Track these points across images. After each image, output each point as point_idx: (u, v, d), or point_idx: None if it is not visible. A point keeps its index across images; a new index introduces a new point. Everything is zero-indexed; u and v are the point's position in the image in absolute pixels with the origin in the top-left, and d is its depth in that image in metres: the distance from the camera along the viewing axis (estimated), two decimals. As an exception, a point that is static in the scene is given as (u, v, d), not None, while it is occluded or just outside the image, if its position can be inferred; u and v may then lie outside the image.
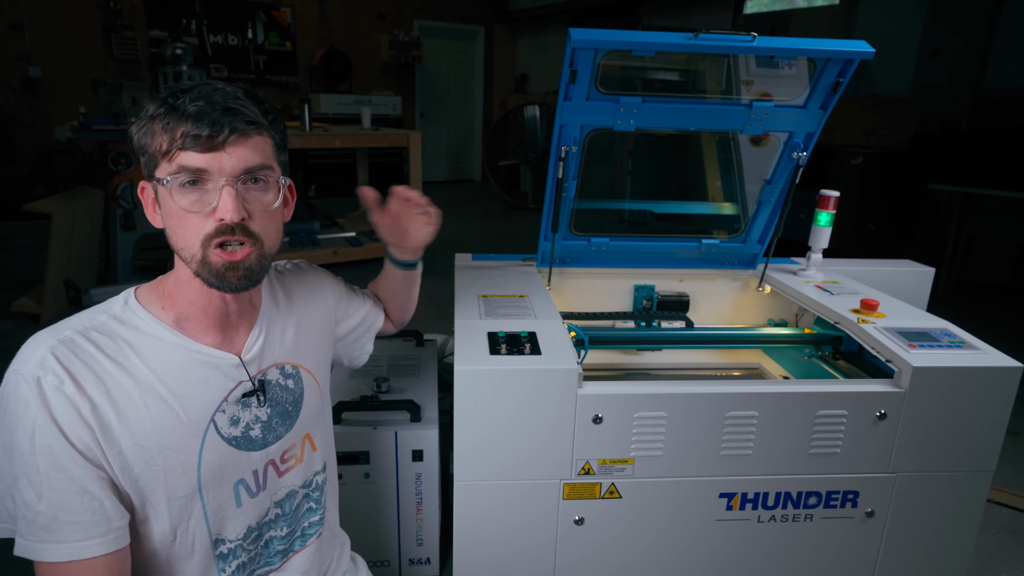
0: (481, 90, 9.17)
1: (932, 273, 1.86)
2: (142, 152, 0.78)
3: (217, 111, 0.74)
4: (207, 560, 0.86)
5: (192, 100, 0.74)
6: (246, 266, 0.79)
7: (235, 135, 0.75)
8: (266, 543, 0.94)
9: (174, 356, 0.81)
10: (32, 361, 0.73)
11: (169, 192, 0.76)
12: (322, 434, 1.02)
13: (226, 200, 0.75)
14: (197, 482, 0.82)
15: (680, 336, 1.65)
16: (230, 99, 0.76)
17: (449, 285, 1.68)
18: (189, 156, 0.74)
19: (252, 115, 0.77)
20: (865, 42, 1.31)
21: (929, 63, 4.39)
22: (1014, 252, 4.46)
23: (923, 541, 1.33)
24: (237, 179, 0.77)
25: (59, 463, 0.72)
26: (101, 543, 0.74)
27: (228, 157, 0.75)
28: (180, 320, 0.83)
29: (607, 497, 1.25)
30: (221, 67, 6.79)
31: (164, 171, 0.76)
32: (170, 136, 0.75)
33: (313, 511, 1.00)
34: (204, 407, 0.83)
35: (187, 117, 0.74)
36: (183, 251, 0.78)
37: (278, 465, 0.93)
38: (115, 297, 0.84)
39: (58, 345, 0.75)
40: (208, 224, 0.76)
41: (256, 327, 0.91)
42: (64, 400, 0.72)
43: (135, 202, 3.57)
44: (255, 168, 0.78)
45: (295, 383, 0.95)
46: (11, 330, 3.20)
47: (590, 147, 1.54)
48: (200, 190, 0.76)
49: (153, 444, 0.78)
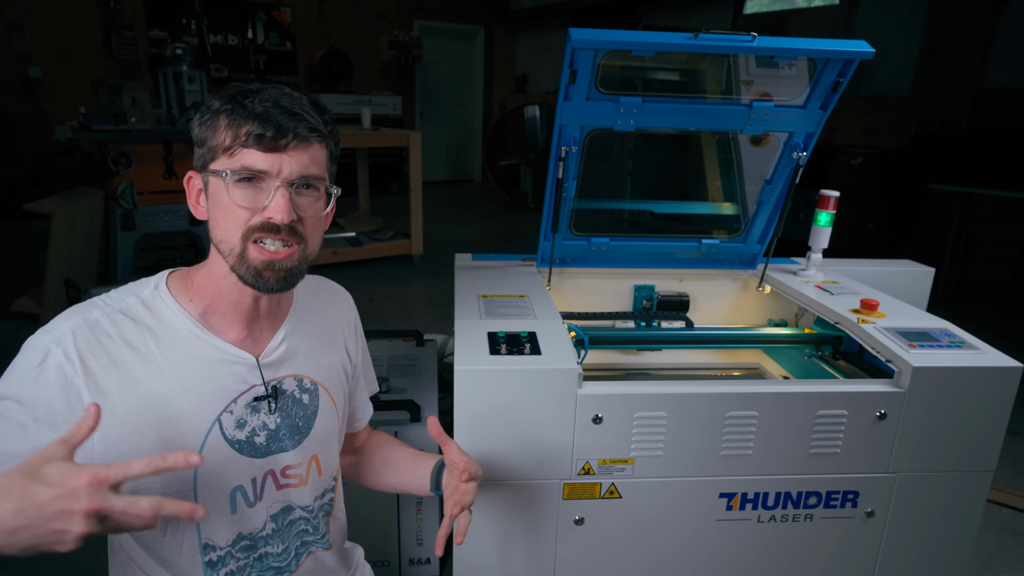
0: (481, 90, 9.17)
1: (932, 273, 1.86)
2: (200, 144, 0.80)
3: (283, 115, 0.76)
4: (194, 562, 0.85)
5: (261, 101, 0.76)
6: (287, 267, 0.81)
7: (297, 140, 0.77)
8: (260, 557, 0.91)
9: (191, 348, 0.82)
10: (54, 333, 0.76)
11: (225, 185, 0.77)
12: (329, 458, 0.98)
13: (279, 201, 0.77)
14: (192, 480, 0.82)
15: (680, 336, 1.65)
16: (296, 105, 0.78)
17: (449, 285, 1.68)
18: (251, 155, 0.76)
19: (315, 123, 0.79)
20: (865, 42, 1.31)
21: (929, 63, 4.39)
22: (1014, 252, 4.46)
23: (923, 541, 1.33)
24: (292, 183, 0.78)
25: (20, 418, 0.73)
26: None
27: (288, 160, 0.77)
28: (206, 314, 0.84)
29: (607, 497, 1.25)
30: (221, 67, 6.79)
31: (223, 164, 0.77)
32: (234, 132, 0.76)
33: (309, 533, 0.96)
34: (212, 404, 0.83)
35: (254, 116, 0.76)
36: (222, 243, 0.79)
37: (278, 478, 0.90)
38: (147, 279, 0.86)
39: (82, 324, 0.77)
40: (255, 218, 0.78)
41: (281, 331, 0.90)
42: (60, 376, 0.75)
43: (135, 202, 3.58)
44: (311, 176, 0.80)
45: (311, 399, 0.93)
46: (11, 330, 3.21)
47: (590, 147, 1.54)
48: (255, 187, 0.78)
49: (153, 433, 0.78)
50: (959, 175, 4.11)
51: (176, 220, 3.80)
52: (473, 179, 9.48)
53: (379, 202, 6.19)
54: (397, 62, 8.04)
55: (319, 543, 0.98)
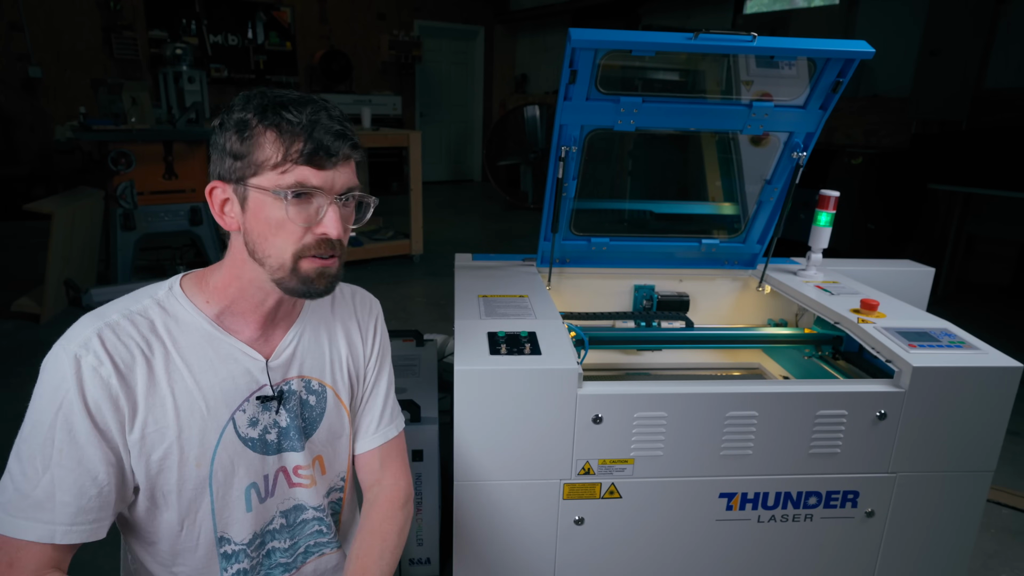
0: (481, 90, 9.17)
1: (932, 273, 1.86)
2: (237, 156, 0.78)
3: (330, 135, 0.78)
4: (210, 555, 0.87)
5: (308, 116, 0.77)
6: (333, 273, 0.84)
7: (344, 159, 0.80)
8: (268, 553, 0.93)
9: (206, 348, 0.83)
10: (78, 340, 0.76)
11: (283, 205, 0.77)
12: (333, 458, 0.98)
13: (332, 217, 0.79)
14: (208, 477, 0.83)
15: (680, 336, 1.65)
16: (338, 122, 0.80)
17: (449, 285, 1.68)
18: (306, 172, 0.77)
19: (355, 139, 0.82)
20: (865, 42, 1.31)
21: (929, 63, 4.39)
22: (1014, 252, 4.46)
23: (923, 541, 1.33)
24: (339, 197, 0.80)
25: (76, 440, 0.74)
26: (85, 531, 0.75)
27: (338, 176, 0.80)
28: (223, 314, 0.85)
29: (607, 497, 1.25)
30: (221, 67, 6.78)
31: (272, 181, 0.77)
32: (285, 149, 0.76)
33: (323, 533, 0.99)
34: (227, 403, 0.84)
35: (305, 134, 0.77)
36: (270, 258, 0.80)
37: (290, 475, 0.93)
38: (161, 283, 0.87)
39: (104, 328, 0.78)
40: (307, 236, 0.80)
41: (291, 332, 0.92)
42: (98, 380, 0.75)
43: (135, 202, 3.57)
44: (354, 188, 0.83)
45: (318, 400, 0.95)
46: (11, 330, 3.20)
47: (590, 147, 1.54)
48: (306, 203, 0.79)
49: (173, 433, 0.80)
50: (959, 175, 4.10)
51: (176, 220, 3.79)
52: (473, 179, 9.48)
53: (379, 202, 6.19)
54: (397, 62, 8.03)
55: (331, 544, 1.00)
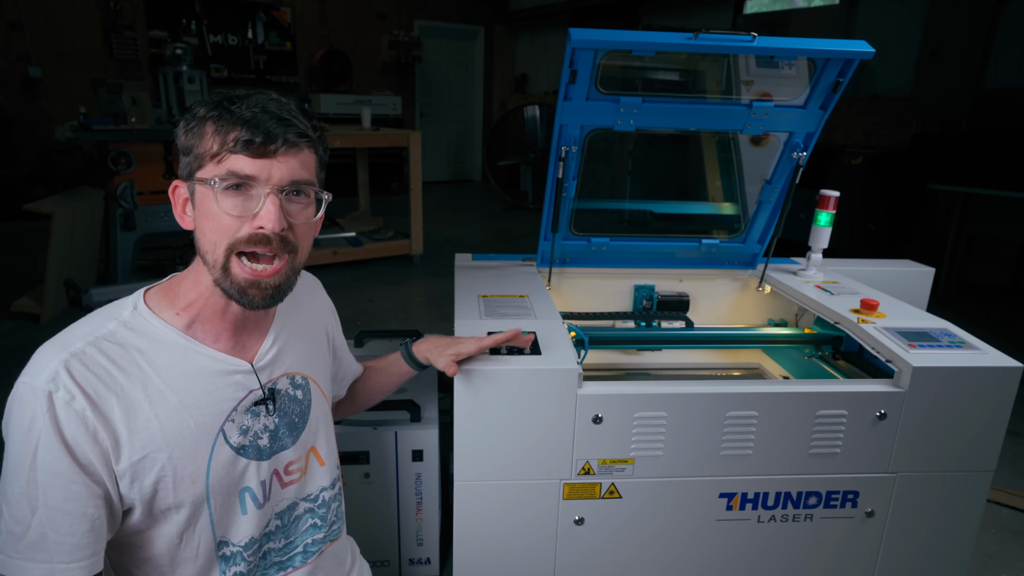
0: (481, 90, 9.17)
1: (932, 273, 1.86)
2: (186, 152, 0.78)
3: (272, 120, 0.75)
4: (210, 562, 0.86)
5: (249, 107, 0.75)
6: (273, 284, 0.79)
7: (286, 146, 0.76)
8: (264, 555, 0.92)
9: (185, 363, 0.80)
10: (44, 375, 0.72)
11: (213, 194, 0.75)
12: (328, 448, 1.00)
13: (269, 208, 0.75)
14: (205, 491, 0.82)
15: (680, 336, 1.65)
16: (284, 110, 0.77)
17: (449, 285, 1.68)
18: (239, 161, 0.74)
19: (304, 128, 0.78)
20: (865, 42, 1.31)
21: (929, 63, 4.39)
22: (1014, 252, 4.46)
23: (923, 541, 1.33)
24: (282, 190, 0.77)
25: (59, 479, 0.71)
26: (84, 567, 0.73)
27: (277, 167, 0.76)
28: (193, 324, 0.82)
29: (607, 497, 1.25)
30: (221, 67, 6.79)
31: (210, 172, 0.75)
32: (221, 139, 0.75)
33: (318, 528, 0.97)
34: (214, 416, 0.82)
35: (241, 122, 0.74)
36: (207, 255, 0.78)
37: (282, 476, 0.92)
38: (124, 300, 0.83)
39: (71, 359, 0.73)
40: (243, 229, 0.76)
41: (271, 333, 0.90)
42: (73, 416, 0.71)
43: (135, 202, 3.57)
44: (301, 181, 0.78)
45: (304, 394, 0.95)
46: (11, 330, 3.21)
47: (590, 147, 1.54)
48: (243, 195, 0.76)
49: (163, 455, 0.77)
50: (959, 175, 4.10)
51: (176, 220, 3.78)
52: (473, 179, 9.48)
53: (379, 202, 6.20)
54: (397, 62, 8.03)
55: (331, 536, 0.99)
